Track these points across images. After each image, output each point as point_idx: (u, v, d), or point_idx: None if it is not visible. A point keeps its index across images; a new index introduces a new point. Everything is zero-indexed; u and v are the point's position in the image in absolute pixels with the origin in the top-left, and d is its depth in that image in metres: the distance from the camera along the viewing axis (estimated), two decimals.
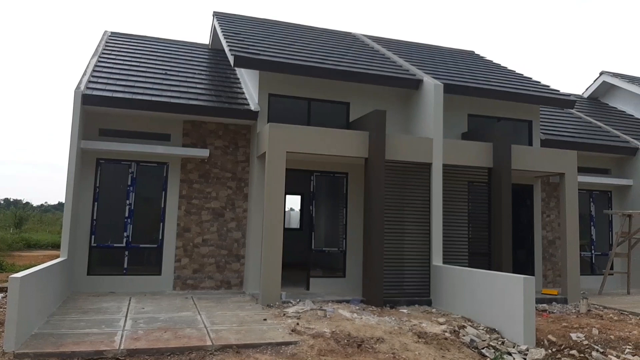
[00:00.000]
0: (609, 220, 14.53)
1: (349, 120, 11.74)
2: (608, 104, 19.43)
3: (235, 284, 11.13)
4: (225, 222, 11.22)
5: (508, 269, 10.49)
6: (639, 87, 18.06)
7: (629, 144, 14.48)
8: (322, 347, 6.45)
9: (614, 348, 7.75)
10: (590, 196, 14.37)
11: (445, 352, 6.70)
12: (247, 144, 11.59)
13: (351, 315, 8.16)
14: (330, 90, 11.68)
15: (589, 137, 14.40)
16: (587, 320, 9.17)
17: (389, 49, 14.72)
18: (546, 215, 13.48)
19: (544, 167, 11.69)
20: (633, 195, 14.25)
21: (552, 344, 7.75)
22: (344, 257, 11.32)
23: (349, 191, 11.50)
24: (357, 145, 10.17)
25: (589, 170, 14.18)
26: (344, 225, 11.41)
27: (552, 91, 13.14)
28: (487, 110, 12.71)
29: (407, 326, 7.62)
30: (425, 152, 10.70)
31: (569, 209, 11.62)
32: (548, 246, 13.39)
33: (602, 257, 14.12)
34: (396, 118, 11.95)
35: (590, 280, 13.45)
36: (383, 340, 6.79)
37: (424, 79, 11.60)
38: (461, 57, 15.93)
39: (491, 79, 13.20)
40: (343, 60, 12.03)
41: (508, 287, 8.10)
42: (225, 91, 11.98)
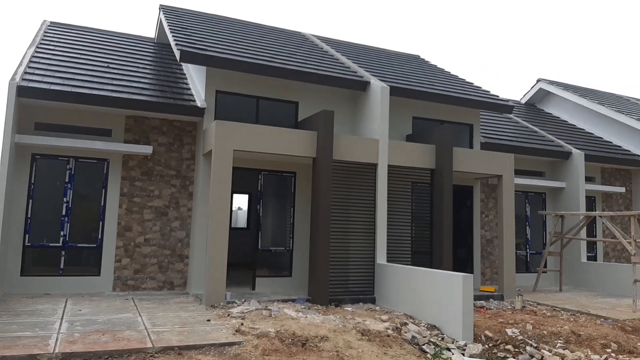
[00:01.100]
0: (543, 221, 15.32)
1: (297, 120, 11.76)
2: (544, 109, 20.48)
3: (179, 285, 10.90)
4: (169, 221, 10.96)
5: (448, 267, 10.84)
6: (572, 94, 19.16)
7: (563, 148, 15.32)
8: (267, 346, 6.43)
9: (547, 343, 8.18)
10: (526, 197, 15.10)
11: (387, 349, 6.85)
12: (193, 141, 11.37)
13: (296, 315, 8.19)
14: (279, 89, 11.65)
15: (526, 141, 15.12)
16: (522, 316, 9.63)
17: (338, 50, 14.87)
18: (485, 215, 14.04)
19: (484, 169, 12.17)
20: (565, 197, 15.09)
21: (489, 339, 8.08)
22: (290, 256, 11.33)
23: (297, 190, 11.52)
24: (306, 145, 10.21)
25: (525, 172, 14.90)
26: (291, 225, 11.42)
27: (492, 96, 13.70)
28: (431, 113, 13.08)
29: (351, 324, 7.73)
30: (372, 153, 10.89)
31: (506, 209, 12.15)
32: (486, 245, 13.96)
33: (537, 255, 14.87)
34: (344, 118, 12.08)
35: (525, 277, 14.14)
36: (327, 339, 6.86)
37: (371, 81, 11.79)
38: (407, 60, 16.32)
39: (435, 83, 13.60)
40: (292, 60, 12.04)
41: (448, 284, 8.37)
42: (171, 86, 11.70)
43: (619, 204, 16.56)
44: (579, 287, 14.13)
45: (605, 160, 15.83)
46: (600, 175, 16.37)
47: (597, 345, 8.21)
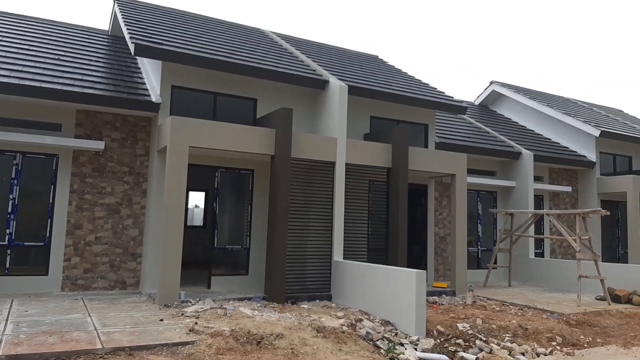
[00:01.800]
0: (493, 219, 15.85)
1: (256, 117, 11.69)
2: (496, 111, 21.16)
3: (131, 284, 10.64)
4: (121, 219, 10.68)
5: (403, 263, 11.07)
6: (523, 97, 19.88)
7: (513, 149, 15.88)
8: (221, 345, 6.39)
9: (496, 336, 8.46)
10: (478, 196, 15.58)
11: (342, 345, 6.93)
12: (147, 137, 11.12)
13: (252, 313, 8.16)
14: (237, 85, 11.55)
15: (478, 142, 15.59)
16: (473, 311, 9.93)
17: (298, 48, 14.87)
18: (439, 213, 14.39)
19: (438, 169, 12.46)
20: (515, 195, 15.66)
21: (440, 333, 8.30)
22: (247, 254, 11.27)
23: (255, 188, 11.46)
24: (264, 142, 10.17)
25: (478, 172, 15.37)
26: (249, 223, 11.35)
27: (447, 97, 14.04)
28: (388, 113, 13.29)
29: (306, 321, 7.77)
30: (330, 151, 10.96)
31: (459, 207, 12.50)
32: (440, 242, 14.32)
33: (487, 252, 15.37)
34: (302, 117, 12.10)
35: (476, 273, 14.59)
36: (283, 337, 6.87)
37: (330, 79, 11.86)
38: (366, 60, 16.50)
39: (393, 83, 13.81)
40: (251, 56, 11.95)
41: (402, 281, 8.55)
42: (125, 80, 11.39)
43: (566, 202, 17.32)
44: (527, 283, 14.70)
45: (553, 161, 16.51)
46: (548, 174, 17.07)
47: (543, 339, 8.56)
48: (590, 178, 17.41)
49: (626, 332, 9.31)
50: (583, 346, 8.39)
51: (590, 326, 9.51)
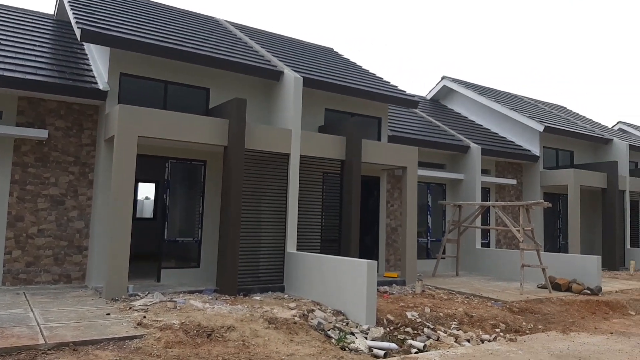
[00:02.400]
0: (443, 210, 16.31)
1: (208, 107, 11.50)
2: (447, 105, 21.70)
3: (77, 278, 10.29)
4: (66, 210, 10.29)
5: (355, 254, 11.23)
6: (473, 92, 20.48)
7: (462, 143, 16.36)
8: (170, 339, 6.30)
9: (443, 324, 8.75)
10: (428, 188, 15.98)
11: (293, 336, 6.98)
12: (94, 126, 10.73)
13: (203, 306, 8.08)
14: (189, 74, 11.31)
15: (429, 135, 15.96)
16: (422, 300, 10.21)
17: (252, 38, 14.71)
18: (390, 205, 14.67)
19: (390, 161, 12.68)
20: (463, 188, 16.16)
21: (390, 322, 8.50)
22: (199, 247, 11.11)
23: (207, 180, 11.29)
24: (216, 133, 10.02)
25: (428, 164, 15.75)
26: (200, 215, 11.19)
27: (400, 92, 14.28)
28: (343, 105, 13.38)
29: (258, 313, 7.77)
30: (284, 143, 10.94)
31: (410, 199, 12.78)
32: (391, 233, 14.60)
33: (437, 242, 15.82)
34: (257, 108, 12.01)
35: (426, 263, 14.99)
36: (234, 329, 6.85)
37: (284, 71, 11.81)
38: (321, 53, 16.51)
39: (347, 76, 13.91)
40: (204, 45, 11.72)
41: (353, 271, 8.68)
42: (71, 67, 10.93)
43: (511, 195, 18.03)
44: (474, 272, 15.24)
45: (499, 155, 17.13)
46: (494, 168, 17.70)
47: (488, 326, 8.91)
48: (534, 171, 18.18)
49: (565, 319, 9.82)
50: (525, 332, 8.80)
51: (532, 313, 9.97)
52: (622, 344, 7.98)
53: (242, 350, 6.24)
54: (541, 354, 7.25)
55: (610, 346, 7.85)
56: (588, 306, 10.78)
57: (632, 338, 8.46)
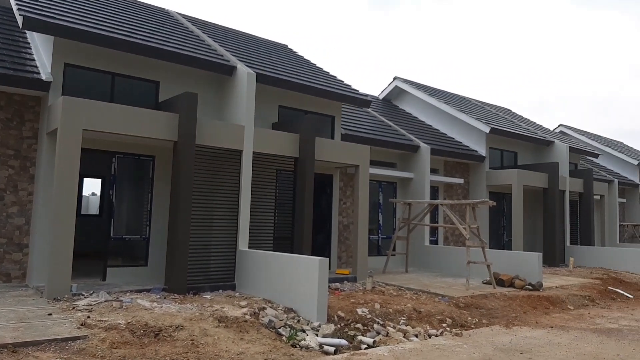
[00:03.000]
0: (393, 208, 16.62)
1: (158, 101, 11.20)
2: (398, 106, 22.11)
3: (17, 277, 9.79)
4: (5, 206, 9.76)
5: (308, 251, 11.26)
6: (423, 93, 20.95)
7: (412, 142, 16.71)
8: (115, 339, 6.10)
9: (392, 320, 8.91)
10: (380, 186, 16.23)
11: (244, 334, 6.92)
12: (36, 118, 10.22)
13: (151, 305, 7.88)
14: (138, 66, 10.97)
15: (381, 135, 16.21)
16: (372, 296, 10.35)
17: (204, 32, 14.43)
18: (343, 203, 14.80)
19: (343, 159, 12.79)
20: (413, 186, 16.52)
21: (341, 319, 8.58)
22: (147, 244, 10.82)
23: (156, 175, 11.00)
24: (166, 128, 9.77)
25: (380, 163, 16.00)
26: (149, 212, 10.89)
27: (353, 91, 14.41)
28: (297, 103, 13.37)
29: (208, 312, 7.66)
30: (237, 139, 10.81)
31: (361, 197, 12.94)
32: (343, 230, 14.74)
33: (387, 239, 16.10)
34: (209, 102, 11.80)
35: (377, 260, 15.23)
36: (182, 328, 6.72)
37: (237, 66, 11.66)
38: (275, 49, 16.42)
39: (302, 73, 13.90)
40: (154, 37, 11.40)
41: (305, 268, 8.70)
42: (11, 56, 10.36)
43: (458, 193, 18.59)
44: (423, 268, 15.62)
45: (447, 155, 17.62)
46: (443, 167, 18.20)
47: (435, 321, 9.15)
48: (480, 171, 18.82)
49: (508, 313, 10.23)
50: (470, 327, 9.10)
51: (477, 308, 10.32)
52: (561, 338, 8.39)
53: (190, 349, 6.13)
54: (485, 348, 7.52)
55: (551, 340, 8.23)
56: (530, 301, 11.27)
57: (571, 332, 8.91)
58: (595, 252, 19.08)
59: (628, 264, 17.72)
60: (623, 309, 11.71)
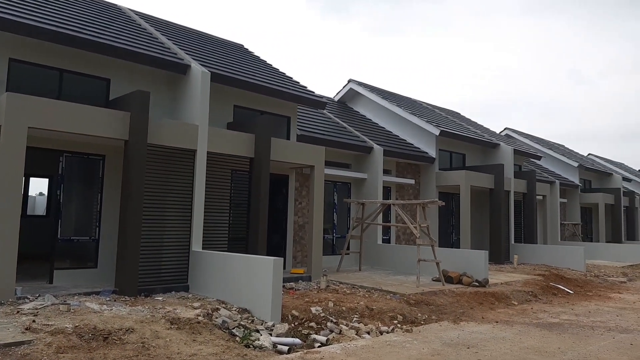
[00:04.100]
0: (347, 208, 16.86)
1: (109, 99, 10.92)
2: (353, 108, 22.41)
3: None
4: None
5: (263, 252, 11.28)
6: (376, 96, 21.34)
7: (366, 144, 17.00)
8: (62, 344, 5.94)
9: (345, 318, 9.06)
10: (335, 186, 16.43)
11: (196, 336, 6.88)
12: None
13: (100, 308, 7.69)
14: (88, 63, 10.67)
15: (336, 136, 16.40)
16: (326, 295, 10.49)
17: (157, 29, 14.16)
18: (298, 203, 14.89)
19: (299, 160, 12.88)
20: (367, 186, 16.81)
21: (295, 318, 8.66)
22: (96, 246, 10.53)
23: (106, 175, 10.72)
24: (116, 126, 9.55)
25: (334, 164, 16.19)
26: (98, 212, 10.61)
27: (309, 92, 14.52)
28: (252, 103, 13.35)
29: (160, 314, 7.56)
30: (191, 139, 10.69)
31: (317, 197, 13.08)
32: (299, 230, 14.83)
33: (342, 239, 16.31)
34: (162, 101, 11.61)
35: (331, 259, 15.42)
36: (133, 331, 6.61)
37: (191, 64, 11.53)
38: (230, 48, 16.31)
39: (257, 73, 13.88)
40: (105, 33, 11.10)
41: (259, 268, 8.72)
42: None
43: (410, 194, 19.05)
44: (376, 267, 15.92)
45: (400, 156, 18.03)
46: (395, 168, 18.61)
47: (387, 318, 9.38)
48: (430, 172, 19.37)
49: (456, 309, 10.60)
50: (420, 323, 9.37)
51: (426, 305, 10.64)
52: (505, 332, 8.78)
53: (141, 352, 6.04)
54: (434, 343, 7.78)
55: (496, 334, 8.60)
56: (476, 297, 11.71)
57: (515, 326, 9.33)
58: (538, 249, 20.02)
59: (568, 261, 18.69)
60: (564, 304, 12.35)
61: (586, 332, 8.97)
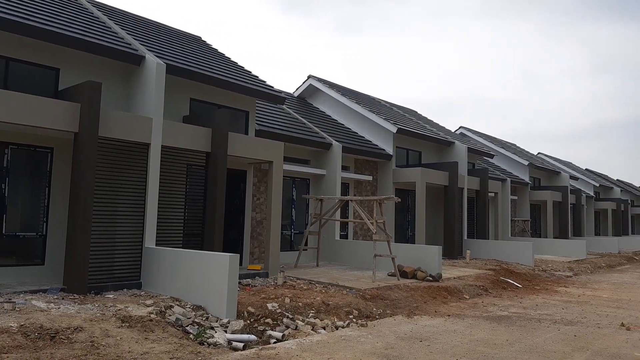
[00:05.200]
0: (306, 204, 16.88)
1: (58, 89, 10.50)
2: (313, 104, 22.43)
3: None
4: None
5: (219, 248, 11.14)
6: (336, 93, 21.43)
7: (325, 140, 17.05)
8: (6, 343, 5.68)
9: (301, 313, 9.09)
10: (293, 182, 16.41)
11: (149, 334, 6.73)
12: None
13: (47, 306, 7.41)
14: (36, 52, 10.20)
15: (295, 132, 16.37)
16: (282, 291, 10.48)
17: (111, 18, 13.71)
18: (257, 199, 14.79)
19: (257, 155, 12.78)
20: (325, 183, 16.88)
21: (251, 314, 8.61)
22: (44, 242, 10.12)
23: (54, 168, 10.31)
24: (66, 118, 9.19)
25: (293, 160, 16.17)
26: (46, 207, 10.19)
27: (268, 87, 14.42)
28: (209, 96, 13.13)
29: (111, 312, 7.35)
30: (144, 132, 10.42)
31: (275, 193, 13.02)
32: (257, 226, 14.74)
33: (300, 235, 16.32)
34: (115, 93, 11.26)
35: (289, 255, 15.41)
36: (82, 329, 6.40)
37: (146, 56, 11.23)
38: (188, 40, 15.98)
39: (215, 66, 13.66)
40: (55, 21, 10.64)
41: (215, 265, 8.62)
42: None
43: (367, 190, 19.27)
44: (333, 262, 16.03)
45: (358, 153, 18.20)
46: (353, 165, 18.77)
47: (343, 313, 9.46)
48: (387, 169, 19.64)
49: (410, 304, 10.81)
50: (375, 317, 9.51)
51: (382, 299, 10.80)
52: (457, 325, 9.03)
53: (90, 351, 5.86)
54: (388, 337, 7.92)
55: (448, 327, 8.83)
56: (430, 291, 11.99)
57: (466, 319, 9.61)
58: (490, 245, 20.68)
59: (518, 256, 19.40)
60: (513, 297, 12.81)
61: (533, 324, 9.34)
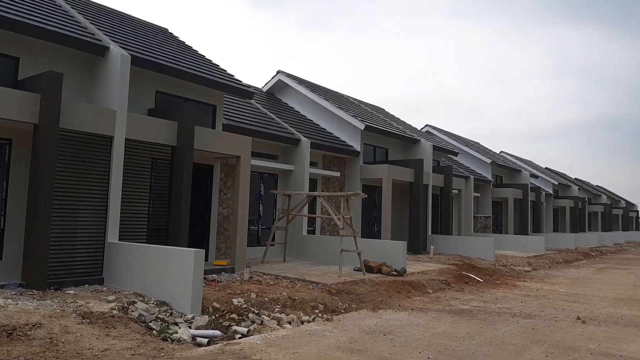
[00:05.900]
0: (274, 199, 16.86)
1: (17, 79, 10.14)
2: (282, 99, 22.36)
3: None
4: None
5: (184, 243, 11.01)
6: (305, 89, 21.43)
7: (294, 136, 17.05)
8: None
9: (267, 309, 9.09)
10: (261, 178, 16.36)
11: (110, 330, 6.62)
12: None
13: (4, 302, 7.18)
14: None
15: (263, 127, 16.31)
16: (249, 286, 10.46)
17: (74, 8, 13.31)
18: (223, 194, 14.67)
19: (224, 150, 12.67)
20: (293, 178, 16.89)
21: (216, 310, 8.57)
22: (1, 236, 9.77)
23: (13, 160, 9.96)
24: (25, 109, 8.89)
25: (261, 155, 16.11)
26: (4, 200, 9.85)
27: (236, 81, 14.30)
28: (176, 89, 12.93)
29: (71, 308, 7.19)
30: (108, 124, 10.18)
31: (242, 188, 12.95)
32: (223, 221, 14.63)
33: (267, 230, 16.29)
34: (78, 84, 10.95)
35: (256, 250, 15.37)
36: (40, 326, 6.24)
37: (110, 46, 10.96)
38: (154, 32, 15.67)
39: (182, 59, 13.45)
40: (14, 8, 10.26)
41: (179, 260, 8.53)
42: None
43: (335, 186, 19.38)
44: (300, 257, 16.08)
45: (326, 149, 18.27)
46: (322, 161, 18.84)
47: (308, 308, 9.52)
48: (355, 165, 19.81)
49: (375, 298, 10.96)
50: (340, 312, 9.61)
51: (347, 294, 10.91)
52: (420, 319, 9.21)
53: (49, 349, 5.73)
54: (353, 331, 8.01)
55: (411, 321, 9.00)
56: (395, 286, 12.18)
57: (429, 313, 9.81)
58: (453, 240, 21.14)
59: (480, 251, 19.90)
60: (474, 291, 13.15)
61: (493, 317, 9.62)
